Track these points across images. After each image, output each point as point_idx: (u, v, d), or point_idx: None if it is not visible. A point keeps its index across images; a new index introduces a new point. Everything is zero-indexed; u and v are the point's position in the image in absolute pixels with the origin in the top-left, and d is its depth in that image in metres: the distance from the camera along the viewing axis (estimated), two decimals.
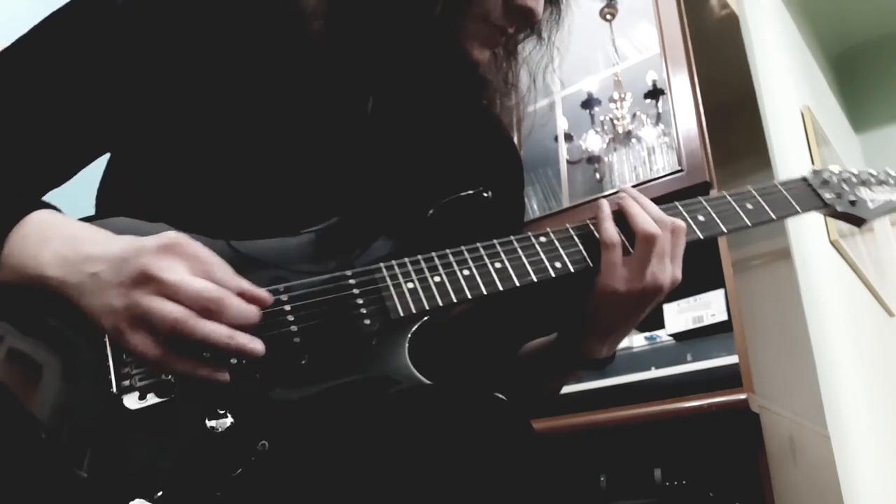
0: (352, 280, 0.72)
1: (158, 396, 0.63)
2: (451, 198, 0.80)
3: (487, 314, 0.88)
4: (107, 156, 0.85)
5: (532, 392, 0.97)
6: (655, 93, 2.12)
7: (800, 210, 0.91)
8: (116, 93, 0.78)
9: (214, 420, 0.63)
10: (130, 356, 0.63)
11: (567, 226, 0.82)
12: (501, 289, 0.75)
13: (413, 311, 0.71)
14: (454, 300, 0.73)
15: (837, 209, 0.95)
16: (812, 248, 2.38)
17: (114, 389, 0.63)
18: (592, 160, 2.20)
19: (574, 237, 0.81)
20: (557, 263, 0.79)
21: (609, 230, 0.80)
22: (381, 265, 0.73)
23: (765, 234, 1.97)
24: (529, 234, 0.80)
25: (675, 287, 0.82)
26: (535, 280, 0.77)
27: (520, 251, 0.78)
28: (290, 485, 0.65)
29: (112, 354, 0.64)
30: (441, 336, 0.78)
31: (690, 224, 0.84)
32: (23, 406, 0.60)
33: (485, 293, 0.74)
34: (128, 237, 0.65)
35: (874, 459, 2.32)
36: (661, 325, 1.71)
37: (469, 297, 0.74)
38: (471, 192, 0.80)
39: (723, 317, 1.63)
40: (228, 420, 0.64)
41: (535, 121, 1.06)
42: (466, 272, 0.75)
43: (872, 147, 3.87)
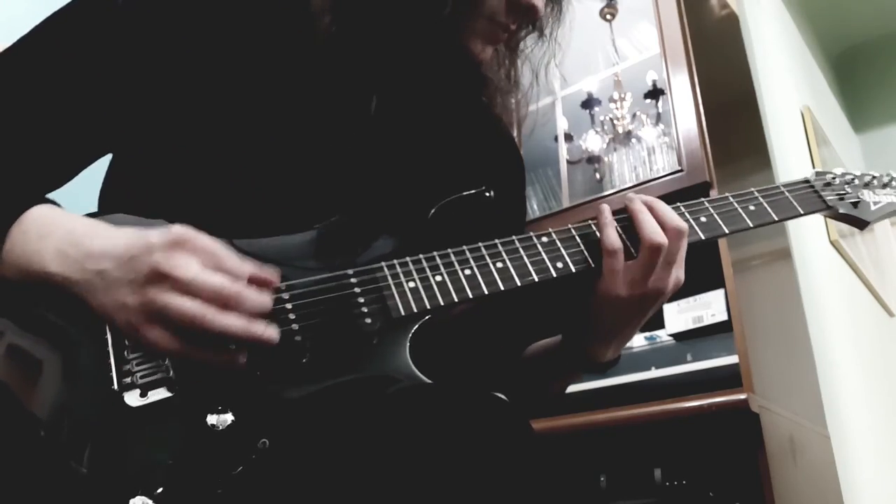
0: (353, 279, 0.72)
1: (159, 394, 0.63)
2: (453, 197, 0.80)
3: (489, 314, 0.88)
4: (109, 156, 0.85)
5: (537, 393, 0.97)
6: (655, 93, 2.11)
7: (802, 212, 0.91)
8: (117, 93, 0.78)
9: (215, 418, 0.64)
10: (147, 350, 0.63)
11: (569, 226, 0.82)
12: (503, 288, 0.75)
13: (414, 311, 0.71)
14: (455, 299, 0.73)
15: (840, 211, 0.94)
16: (812, 248, 2.38)
17: (115, 386, 0.63)
18: (592, 160, 2.20)
19: (576, 237, 0.81)
20: (559, 263, 0.78)
21: (611, 236, 0.80)
22: (383, 264, 0.73)
23: (765, 235, 1.97)
24: (531, 234, 0.80)
25: (679, 288, 0.82)
26: (537, 280, 0.77)
27: (521, 251, 0.78)
28: (291, 483, 0.65)
29: (113, 351, 0.64)
30: (442, 335, 0.78)
31: (692, 225, 0.84)
32: (21, 403, 0.61)
33: (486, 293, 0.74)
34: (129, 231, 0.65)
35: (874, 459, 2.32)
36: (661, 325, 1.71)
37: (470, 297, 0.74)
38: (473, 192, 0.80)
39: (723, 317, 1.63)
40: (229, 418, 0.64)
41: (537, 119, 1.05)
42: (468, 271, 0.75)
43: (872, 147, 3.88)
